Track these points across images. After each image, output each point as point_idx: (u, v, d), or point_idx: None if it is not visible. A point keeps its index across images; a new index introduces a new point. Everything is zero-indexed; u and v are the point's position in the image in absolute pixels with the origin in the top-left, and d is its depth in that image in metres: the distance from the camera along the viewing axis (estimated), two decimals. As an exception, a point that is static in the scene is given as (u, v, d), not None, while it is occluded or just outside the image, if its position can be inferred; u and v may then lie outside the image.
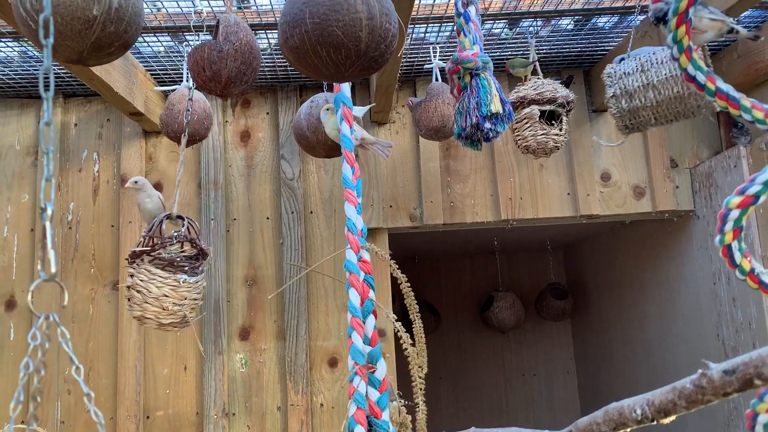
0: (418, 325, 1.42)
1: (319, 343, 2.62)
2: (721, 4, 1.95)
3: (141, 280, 1.75)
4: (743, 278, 0.93)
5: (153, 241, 1.79)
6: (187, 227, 1.85)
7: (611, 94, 2.06)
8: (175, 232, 1.82)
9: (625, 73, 2.05)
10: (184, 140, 1.91)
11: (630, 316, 3.82)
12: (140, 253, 1.76)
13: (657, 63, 1.98)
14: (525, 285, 5.09)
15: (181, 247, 1.85)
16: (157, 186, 2.71)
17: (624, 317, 3.93)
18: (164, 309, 1.74)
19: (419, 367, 1.34)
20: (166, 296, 1.74)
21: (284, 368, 2.59)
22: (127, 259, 1.83)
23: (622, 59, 2.09)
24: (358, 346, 1.29)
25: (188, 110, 1.95)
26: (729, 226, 0.86)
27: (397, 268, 1.49)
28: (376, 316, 1.35)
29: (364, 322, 1.33)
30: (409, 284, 1.44)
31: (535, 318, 4.92)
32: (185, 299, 1.77)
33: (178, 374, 2.60)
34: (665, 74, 1.93)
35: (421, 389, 1.34)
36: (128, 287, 1.78)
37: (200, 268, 1.85)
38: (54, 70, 2.49)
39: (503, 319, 4.50)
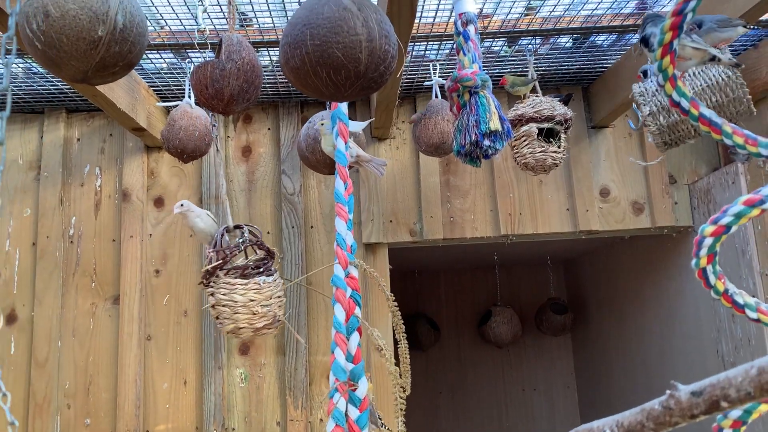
0: (403, 346, 1.43)
1: (319, 358, 2.62)
2: (735, 11, 1.95)
3: (223, 294, 1.79)
4: (717, 298, 0.98)
5: (220, 255, 1.83)
6: (249, 233, 1.90)
7: (648, 112, 2.06)
8: (239, 239, 1.87)
9: (657, 90, 2.06)
10: (214, 154, 1.94)
11: (630, 332, 3.82)
12: (213, 270, 1.80)
13: (691, 75, 1.98)
14: (525, 299, 5.09)
15: (246, 255, 1.91)
16: (159, 201, 2.73)
17: (624, 332, 3.93)
18: (255, 313, 1.78)
19: (401, 387, 1.35)
20: (253, 300, 1.79)
21: (284, 383, 2.59)
22: (201, 282, 1.86)
23: (645, 71, 2.09)
24: (341, 362, 1.29)
25: (214, 125, 2.01)
26: (704, 251, 0.91)
27: (386, 286, 1.50)
28: (360, 334, 1.36)
29: (348, 339, 1.34)
30: (396, 304, 1.45)
31: (535, 332, 4.92)
32: (271, 298, 1.82)
33: (178, 388, 2.60)
34: (701, 85, 1.93)
35: (401, 410, 1.34)
36: (212, 306, 1.81)
37: (272, 268, 1.90)
38: (57, 85, 2.52)
39: (500, 334, 4.50)
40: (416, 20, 1.94)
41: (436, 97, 2.39)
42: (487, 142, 1.73)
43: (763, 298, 2.37)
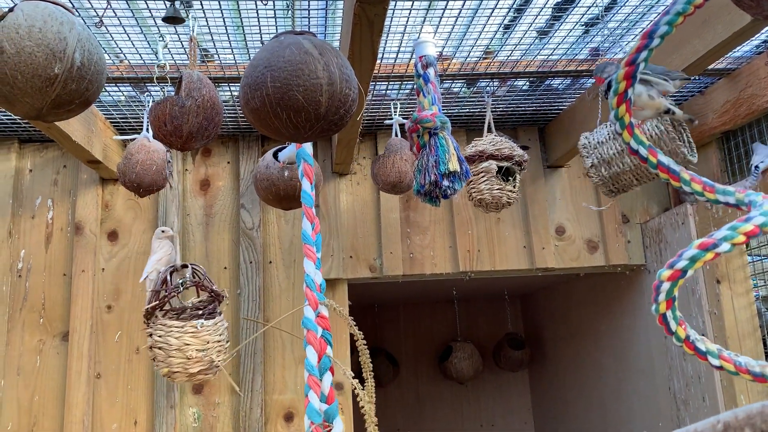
0: (370, 384, 1.41)
1: (275, 397, 2.57)
2: (683, 61, 2.04)
3: (159, 336, 1.73)
4: (680, 345, 0.97)
5: (160, 295, 1.78)
6: (192, 273, 1.84)
7: (590, 164, 2.12)
8: (180, 279, 1.81)
9: (599, 142, 2.12)
10: (169, 190, 1.90)
11: (586, 368, 3.86)
12: (152, 309, 1.75)
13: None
14: (483, 334, 5.10)
15: (197, 295, 1.85)
16: (113, 234, 2.67)
17: (580, 369, 3.97)
18: (189, 358, 1.72)
19: (375, 425, 1.33)
20: (188, 344, 1.73)
21: (238, 423, 2.53)
22: (144, 322, 1.80)
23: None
24: (315, 405, 1.28)
25: (169, 161, 1.96)
26: (662, 297, 0.91)
27: (355, 325, 1.49)
28: (333, 373, 1.34)
29: (321, 380, 1.32)
30: (365, 341, 1.44)
31: (493, 368, 4.93)
32: (208, 343, 1.75)
33: (128, 429, 2.51)
34: None
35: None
36: (150, 347, 1.75)
37: (217, 310, 1.84)
38: (10, 115, 2.47)
39: (461, 370, 4.49)
40: (377, 61, 1.97)
41: (397, 135, 2.42)
42: (446, 183, 1.76)
43: (712, 336, 2.44)
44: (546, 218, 2.83)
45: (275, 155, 2.06)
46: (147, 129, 2.21)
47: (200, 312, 1.78)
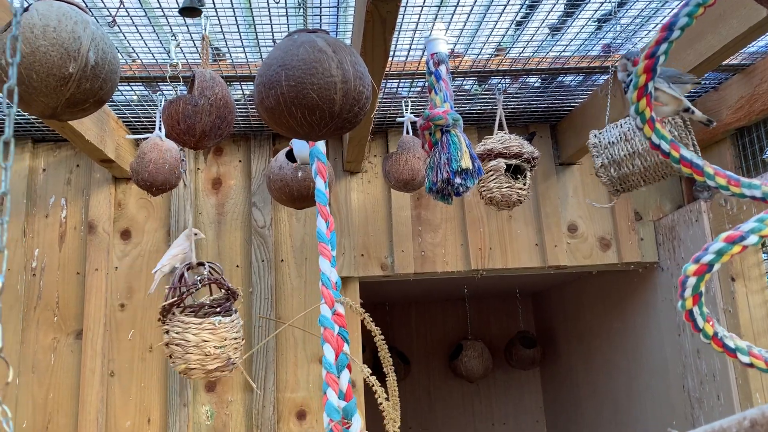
0: (392, 378, 1.41)
1: (287, 395, 2.57)
2: (685, 65, 2.03)
3: (177, 333, 1.73)
4: (708, 342, 0.94)
5: (177, 292, 1.78)
6: (209, 271, 1.84)
7: (600, 164, 2.11)
8: (198, 276, 1.81)
9: (609, 143, 2.11)
10: (183, 188, 1.91)
11: (598, 366, 3.84)
12: (169, 306, 1.75)
13: (632, 134, 2.04)
14: (495, 332, 5.10)
15: (210, 293, 1.86)
16: (125, 233, 2.69)
17: (592, 367, 3.95)
18: (207, 354, 1.72)
19: (393, 421, 1.33)
20: (206, 341, 1.73)
21: (251, 421, 2.54)
22: (159, 319, 1.81)
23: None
24: (333, 402, 1.28)
25: (183, 160, 1.97)
26: (688, 292, 0.88)
27: (372, 321, 1.49)
28: (350, 370, 1.34)
29: (339, 377, 1.32)
30: (383, 337, 1.44)
31: (504, 366, 4.91)
32: (226, 340, 1.76)
33: (142, 427, 2.52)
34: (642, 145, 1.98)
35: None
36: (167, 344, 1.76)
37: (233, 308, 1.85)
38: (24, 114, 2.48)
39: (471, 368, 4.48)
40: (389, 59, 1.96)
41: (408, 133, 2.41)
42: (458, 180, 1.75)
43: (727, 334, 2.41)
44: (558, 216, 2.82)
45: (289, 156, 2.07)
46: (159, 128, 2.22)
47: (217, 309, 1.78)
